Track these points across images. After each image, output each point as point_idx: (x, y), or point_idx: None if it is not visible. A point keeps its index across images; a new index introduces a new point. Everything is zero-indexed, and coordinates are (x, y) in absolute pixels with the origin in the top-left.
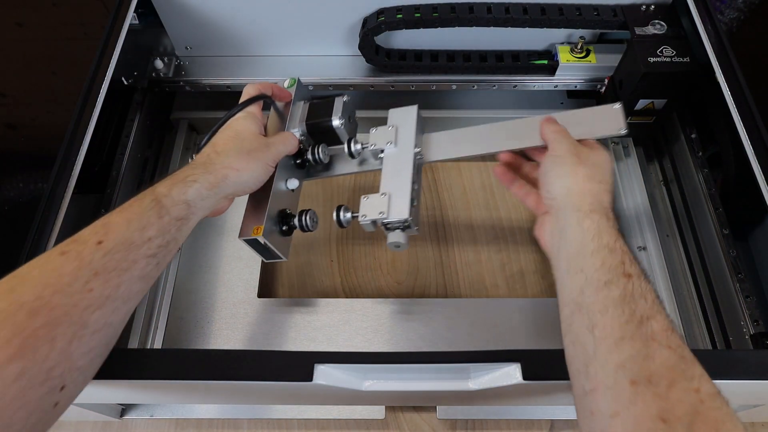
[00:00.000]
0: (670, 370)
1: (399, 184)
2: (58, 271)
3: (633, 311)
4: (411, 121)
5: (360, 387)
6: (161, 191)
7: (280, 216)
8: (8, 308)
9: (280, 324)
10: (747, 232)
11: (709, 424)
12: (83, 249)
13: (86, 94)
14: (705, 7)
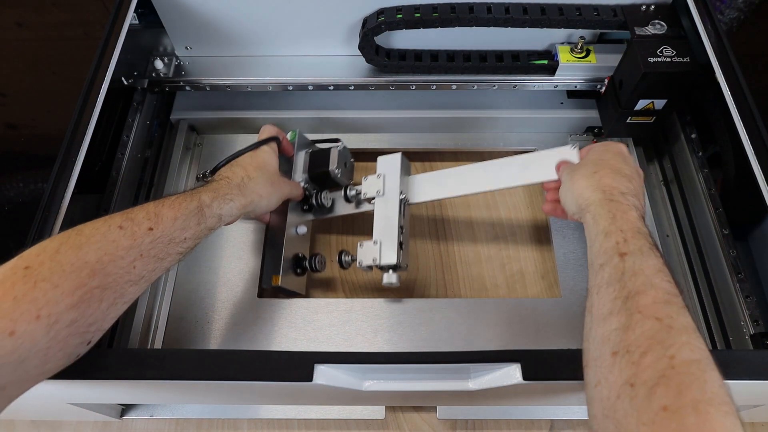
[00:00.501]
0: (648, 339)
1: (388, 231)
2: (115, 244)
3: (623, 287)
4: (396, 169)
5: (360, 387)
6: (205, 200)
7: (294, 260)
8: (76, 263)
9: (280, 324)
10: (747, 232)
11: (671, 387)
12: (137, 230)
13: (86, 94)
14: (705, 7)
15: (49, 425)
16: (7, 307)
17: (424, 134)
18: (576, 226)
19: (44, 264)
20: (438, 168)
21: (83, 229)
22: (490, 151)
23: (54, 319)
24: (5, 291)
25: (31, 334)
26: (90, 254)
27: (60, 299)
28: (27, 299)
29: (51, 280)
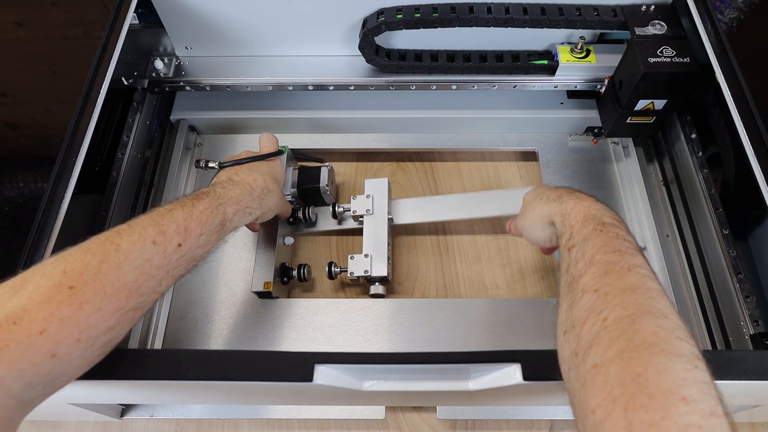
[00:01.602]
0: (586, 311)
1: (378, 247)
2: (150, 263)
3: (569, 275)
4: (384, 192)
5: (360, 387)
6: (228, 214)
7: (282, 269)
8: (116, 284)
9: (280, 324)
10: (747, 232)
11: (601, 345)
12: (168, 247)
13: (86, 94)
14: (705, 7)
15: (49, 425)
16: (54, 330)
17: (424, 134)
18: None
19: (87, 284)
20: (438, 168)
21: (120, 243)
22: (491, 151)
23: (91, 342)
24: (52, 312)
25: (69, 356)
26: (128, 274)
27: (100, 323)
28: (72, 322)
29: (94, 302)
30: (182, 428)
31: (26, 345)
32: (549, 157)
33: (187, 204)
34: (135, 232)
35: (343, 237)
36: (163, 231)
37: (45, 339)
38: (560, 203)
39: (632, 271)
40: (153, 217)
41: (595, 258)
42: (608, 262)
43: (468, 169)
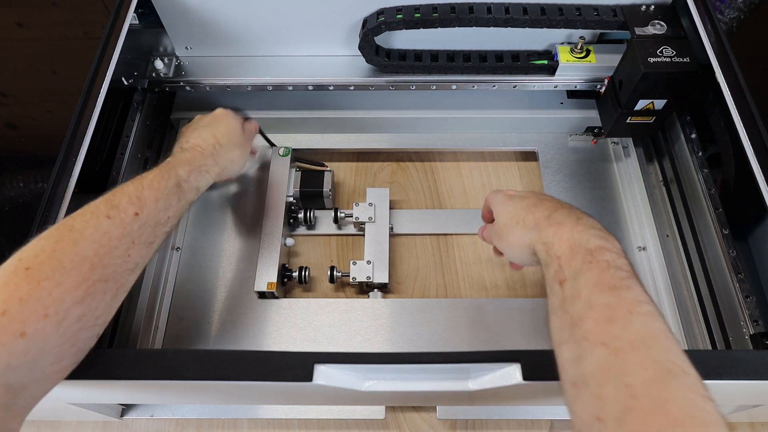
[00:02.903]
0: (601, 369)
1: (379, 254)
2: (108, 235)
3: (566, 314)
4: (385, 201)
5: (360, 387)
6: (181, 175)
7: (282, 270)
8: (75, 258)
9: (280, 324)
10: (747, 232)
11: (637, 418)
12: (125, 218)
13: (86, 94)
14: (705, 7)
15: (49, 425)
16: (15, 309)
17: (424, 134)
18: None
19: (44, 263)
20: (438, 168)
21: (73, 224)
22: (491, 151)
23: (62, 316)
24: (10, 293)
25: (42, 333)
26: (87, 248)
27: (65, 296)
28: (33, 299)
29: (54, 278)
30: (182, 428)
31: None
32: (549, 157)
33: (137, 177)
34: (87, 212)
35: (343, 240)
36: (115, 205)
37: (8, 319)
38: (539, 232)
39: (634, 314)
40: (105, 196)
41: (592, 299)
42: (608, 306)
43: (468, 169)
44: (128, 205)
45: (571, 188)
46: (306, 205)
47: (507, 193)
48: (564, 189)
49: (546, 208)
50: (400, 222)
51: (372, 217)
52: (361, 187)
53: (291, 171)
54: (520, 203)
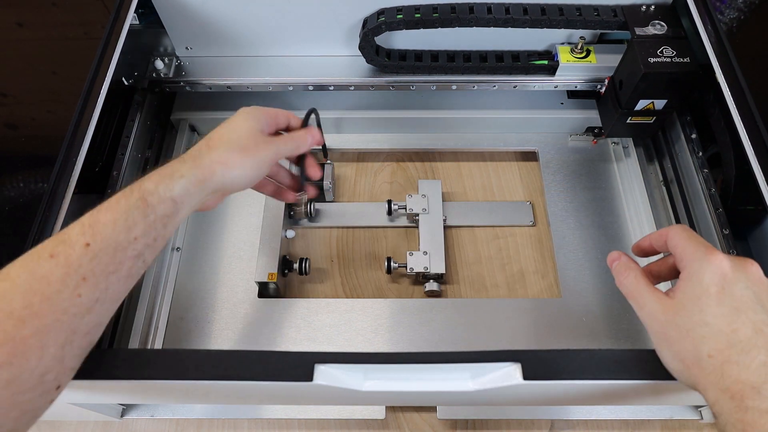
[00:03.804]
0: None
1: (435, 245)
2: (46, 279)
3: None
4: (437, 193)
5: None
6: (148, 188)
7: (283, 261)
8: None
9: (280, 324)
10: (747, 232)
11: None
12: (71, 253)
13: (86, 95)
14: (705, 8)
15: (49, 425)
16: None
17: (424, 134)
18: (575, 226)
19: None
20: (438, 168)
21: (9, 271)
22: (491, 151)
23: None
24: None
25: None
26: (14, 300)
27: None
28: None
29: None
30: (182, 428)
31: None
32: (549, 157)
33: (104, 201)
34: (31, 254)
35: (343, 232)
36: (64, 240)
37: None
38: (744, 410)
39: None
40: (61, 229)
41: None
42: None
43: (468, 169)
44: (78, 237)
45: (571, 188)
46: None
47: (718, 252)
48: (564, 189)
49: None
50: (455, 215)
51: (426, 208)
52: (361, 187)
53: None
54: (756, 286)
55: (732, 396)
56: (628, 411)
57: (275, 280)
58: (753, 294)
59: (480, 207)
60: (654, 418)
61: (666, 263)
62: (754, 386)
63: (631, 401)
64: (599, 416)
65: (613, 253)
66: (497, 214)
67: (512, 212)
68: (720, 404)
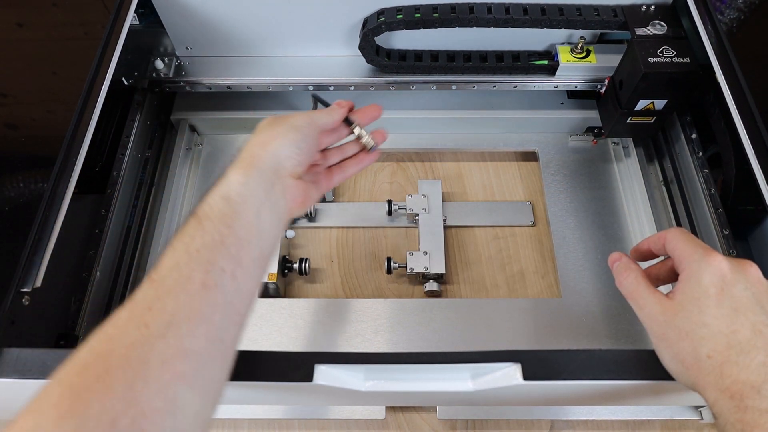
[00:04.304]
0: None
1: (435, 245)
2: (113, 323)
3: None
4: (438, 193)
5: (360, 387)
6: (197, 206)
7: (283, 262)
8: (63, 373)
9: (280, 324)
10: (747, 232)
11: None
12: (137, 293)
13: (86, 95)
14: (705, 8)
15: None
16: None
17: (424, 134)
18: (575, 226)
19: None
20: (438, 168)
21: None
22: (491, 151)
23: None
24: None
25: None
26: (80, 354)
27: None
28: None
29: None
30: None
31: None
32: (549, 158)
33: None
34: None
35: (343, 232)
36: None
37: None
38: (743, 410)
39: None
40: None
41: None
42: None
43: (468, 169)
44: (145, 281)
45: (571, 188)
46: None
47: (717, 254)
48: (564, 189)
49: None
50: (455, 214)
51: (426, 208)
52: (361, 188)
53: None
54: (755, 287)
55: (731, 396)
56: (628, 411)
57: (275, 280)
58: (752, 295)
59: (480, 207)
60: (654, 418)
61: (665, 266)
62: (754, 386)
63: (631, 401)
64: (599, 416)
65: (614, 254)
66: (497, 214)
67: (512, 212)
68: (719, 404)
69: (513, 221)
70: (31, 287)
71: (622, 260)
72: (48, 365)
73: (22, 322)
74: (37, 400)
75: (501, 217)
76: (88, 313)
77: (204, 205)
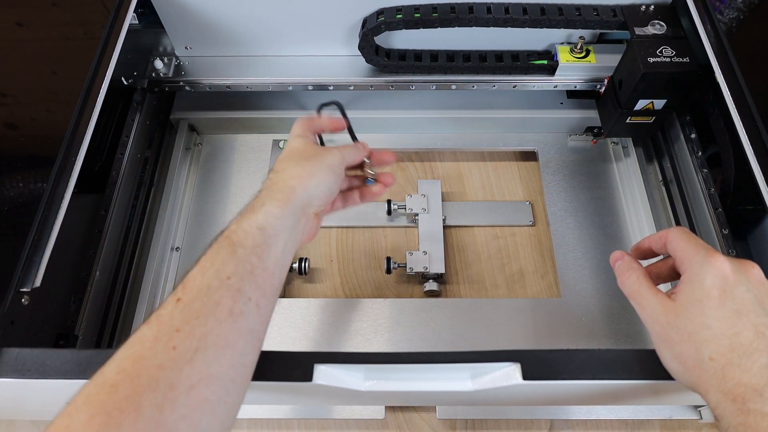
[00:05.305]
0: None
1: (434, 245)
2: (140, 341)
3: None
4: (437, 193)
5: (360, 387)
6: (231, 228)
7: None
8: (92, 390)
9: (280, 324)
10: (747, 232)
11: None
12: (163, 312)
13: (86, 94)
14: (704, 8)
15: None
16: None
17: (424, 134)
18: (575, 226)
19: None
20: (438, 168)
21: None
22: (491, 151)
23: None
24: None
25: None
26: (108, 371)
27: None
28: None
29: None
30: None
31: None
32: (549, 157)
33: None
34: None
35: (342, 232)
36: (158, 309)
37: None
38: (746, 413)
39: None
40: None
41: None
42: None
43: (468, 169)
44: (170, 299)
45: (571, 188)
46: None
47: (719, 254)
48: (564, 189)
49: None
50: (455, 214)
51: (425, 208)
52: None
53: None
54: (757, 289)
55: (734, 399)
56: (627, 411)
57: None
58: (754, 297)
59: (479, 207)
60: (653, 418)
61: (666, 264)
62: (756, 389)
63: (631, 401)
64: (599, 416)
65: (616, 253)
66: (497, 214)
67: (512, 212)
68: (722, 407)
69: (512, 221)
70: (30, 287)
71: (624, 259)
72: (47, 365)
73: (22, 322)
74: (66, 417)
75: (500, 216)
76: (88, 313)
77: (239, 231)
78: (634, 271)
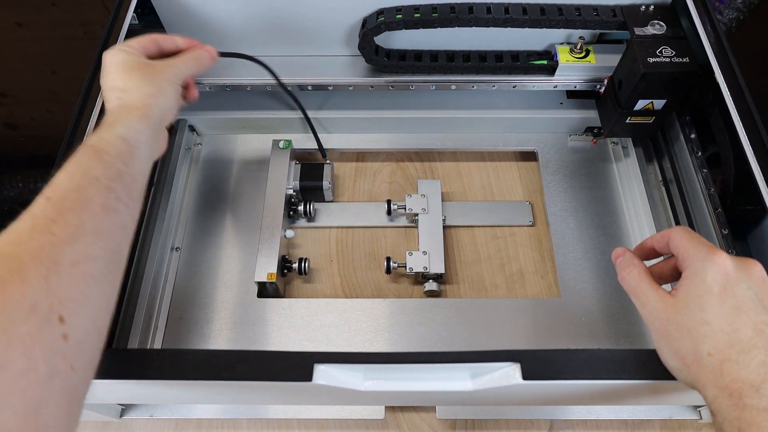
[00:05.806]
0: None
1: (434, 245)
2: (15, 232)
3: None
4: (437, 193)
5: (360, 387)
6: (92, 139)
7: (282, 262)
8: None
9: (280, 324)
10: (747, 232)
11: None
12: (35, 209)
13: (86, 94)
14: (704, 8)
15: None
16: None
17: (424, 134)
18: (575, 226)
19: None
20: (438, 168)
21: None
22: (490, 151)
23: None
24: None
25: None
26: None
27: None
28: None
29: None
30: (182, 428)
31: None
32: (548, 157)
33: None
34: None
35: (342, 232)
36: (25, 211)
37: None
38: (741, 408)
39: None
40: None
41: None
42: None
43: (468, 169)
44: (38, 199)
45: (571, 188)
46: (306, 197)
47: (721, 252)
48: (564, 189)
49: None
50: (455, 214)
51: (425, 208)
52: (361, 188)
53: (291, 164)
54: (758, 287)
55: (730, 394)
56: (627, 411)
57: (275, 280)
58: (755, 294)
59: (479, 207)
60: (653, 417)
61: (668, 264)
62: (753, 384)
63: (631, 401)
64: (599, 416)
65: (618, 249)
66: (496, 214)
67: (511, 212)
68: (718, 402)
69: (512, 221)
70: None
71: (625, 256)
72: None
73: None
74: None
75: (500, 217)
76: None
77: (101, 142)
78: (635, 267)
